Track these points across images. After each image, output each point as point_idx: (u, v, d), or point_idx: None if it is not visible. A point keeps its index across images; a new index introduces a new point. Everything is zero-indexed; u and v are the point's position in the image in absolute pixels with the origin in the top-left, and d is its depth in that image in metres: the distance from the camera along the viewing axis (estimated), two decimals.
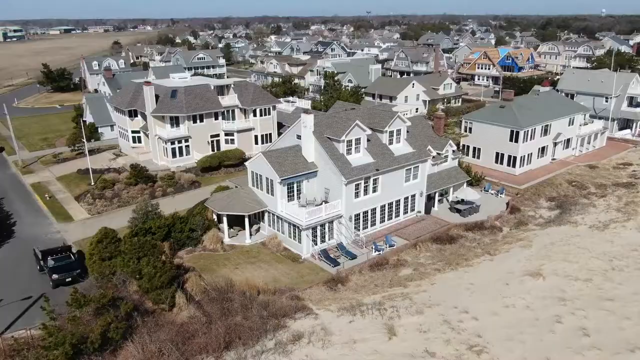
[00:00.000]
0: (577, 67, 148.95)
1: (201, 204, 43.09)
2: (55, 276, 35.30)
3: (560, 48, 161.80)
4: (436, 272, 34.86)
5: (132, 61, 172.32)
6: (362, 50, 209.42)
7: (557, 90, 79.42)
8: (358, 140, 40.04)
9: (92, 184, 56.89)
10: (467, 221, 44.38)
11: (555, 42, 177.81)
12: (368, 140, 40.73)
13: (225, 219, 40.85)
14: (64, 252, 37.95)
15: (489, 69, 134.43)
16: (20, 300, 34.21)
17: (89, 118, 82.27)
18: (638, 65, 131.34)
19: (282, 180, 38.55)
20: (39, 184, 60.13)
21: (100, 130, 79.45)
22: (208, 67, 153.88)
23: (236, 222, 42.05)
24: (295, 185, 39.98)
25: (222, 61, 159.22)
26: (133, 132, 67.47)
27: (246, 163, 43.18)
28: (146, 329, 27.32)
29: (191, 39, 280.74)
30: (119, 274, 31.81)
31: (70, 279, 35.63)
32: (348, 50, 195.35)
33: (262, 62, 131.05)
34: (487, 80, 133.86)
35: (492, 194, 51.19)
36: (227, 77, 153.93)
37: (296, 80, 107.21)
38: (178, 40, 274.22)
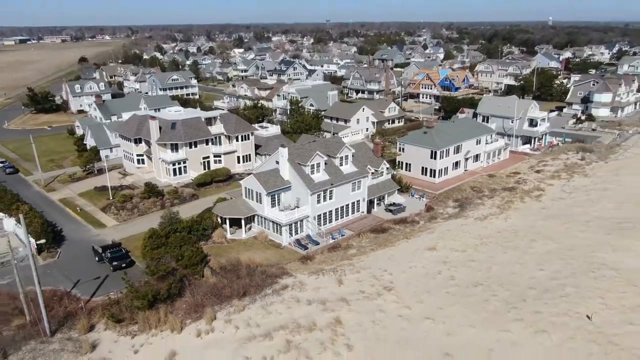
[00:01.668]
0: (508, 84, 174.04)
1: (208, 210, 60.26)
2: (115, 263, 51.65)
3: (495, 67, 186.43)
4: (371, 251, 53.37)
5: (107, 80, 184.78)
6: (322, 66, 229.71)
7: (477, 114, 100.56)
8: (318, 164, 58.29)
9: (111, 198, 72.61)
10: (396, 218, 63.19)
11: (491, 60, 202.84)
12: (325, 163, 59.04)
13: (227, 221, 58.18)
14: (116, 246, 54.35)
15: (431, 88, 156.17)
16: (92, 279, 50.44)
17: (90, 142, 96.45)
18: (555, 83, 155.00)
19: (267, 193, 56.26)
20: (65, 199, 74.92)
21: (102, 152, 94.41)
22: (182, 88, 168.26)
23: (235, 223, 59.36)
24: (276, 196, 57.75)
25: (194, 82, 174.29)
26: (138, 155, 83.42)
27: (241, 181, 60.69)
28: (192, 287, 44.63)
29: (158, 55, 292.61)
30: (164, 257, 48.60)
31: (124, 265, 52.10)
32: (309, 68, 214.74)
33: (233, 86, 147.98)
34: (430, 98, 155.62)
35: (416, 198, 70.35)
36: (200, 95, 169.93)
37: (265, 103, 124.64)
38: (146, 56, 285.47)
